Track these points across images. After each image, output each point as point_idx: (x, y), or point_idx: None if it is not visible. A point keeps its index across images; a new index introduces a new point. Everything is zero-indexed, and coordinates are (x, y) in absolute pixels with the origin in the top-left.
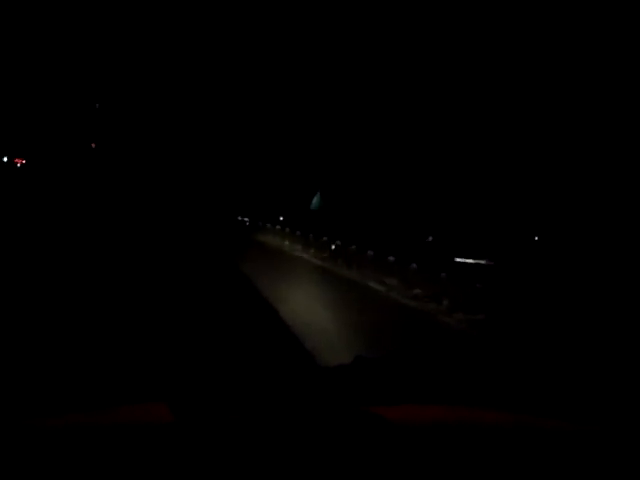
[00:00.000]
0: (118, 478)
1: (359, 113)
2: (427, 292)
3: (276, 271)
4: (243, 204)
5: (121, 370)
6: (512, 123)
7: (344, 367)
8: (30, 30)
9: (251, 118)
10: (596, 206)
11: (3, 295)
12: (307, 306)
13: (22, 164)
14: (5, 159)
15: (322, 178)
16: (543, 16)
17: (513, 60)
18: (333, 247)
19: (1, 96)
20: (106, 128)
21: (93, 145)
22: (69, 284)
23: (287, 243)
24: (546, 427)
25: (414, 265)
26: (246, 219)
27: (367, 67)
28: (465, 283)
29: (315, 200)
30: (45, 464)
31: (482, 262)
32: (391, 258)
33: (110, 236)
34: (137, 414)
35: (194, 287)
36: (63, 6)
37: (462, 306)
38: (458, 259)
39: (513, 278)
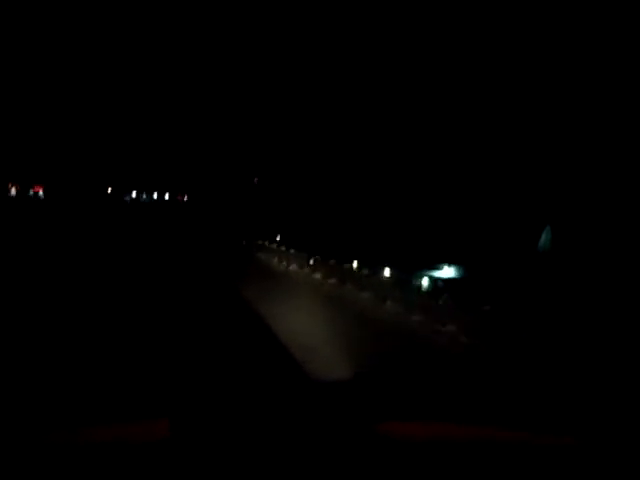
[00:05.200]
0: None
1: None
2: None
3: None
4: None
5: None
6: None
7: (344, 383)
8: (194, 74)
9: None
10: None
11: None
12: None
13: (184, 201)
14: (167, 196)
15: (553, 205)
16: (543, 16)
17: None
18: None
19: (164, 135)
20: (268, 162)
21: (255, 180)
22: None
23: None
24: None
25: None
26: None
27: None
28: None
29: (544, 237)
30: (49, 478)
31: None
32: None
33: None
34: (140, 430)
35: None
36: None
37: None
38: None
39: None
